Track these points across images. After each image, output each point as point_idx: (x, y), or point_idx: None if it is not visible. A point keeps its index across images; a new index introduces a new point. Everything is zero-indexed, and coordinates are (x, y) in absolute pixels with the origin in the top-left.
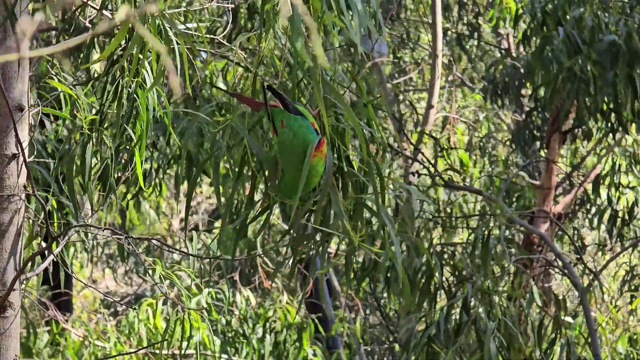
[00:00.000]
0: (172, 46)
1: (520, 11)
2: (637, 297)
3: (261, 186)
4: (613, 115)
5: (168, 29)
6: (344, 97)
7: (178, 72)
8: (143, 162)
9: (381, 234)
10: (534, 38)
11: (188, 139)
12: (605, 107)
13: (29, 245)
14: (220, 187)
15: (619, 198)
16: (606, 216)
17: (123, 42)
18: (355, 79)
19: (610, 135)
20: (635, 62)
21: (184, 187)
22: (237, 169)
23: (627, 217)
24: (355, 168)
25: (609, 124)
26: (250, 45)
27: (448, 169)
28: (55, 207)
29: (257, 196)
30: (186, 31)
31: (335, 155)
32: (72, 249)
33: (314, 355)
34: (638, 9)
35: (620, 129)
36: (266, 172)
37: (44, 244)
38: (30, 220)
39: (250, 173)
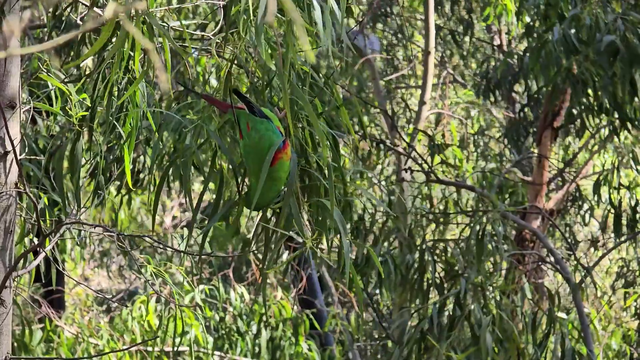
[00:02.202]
0: (161, 44)
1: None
2: (632, 295)
3: (232, 187)
4: (615, 114)
5: (157, 26)
6: (310, 101)
7: (168, 69)
8: (137, 159)
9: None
10: (534, 33)
11: (183, 136)
12: (608, 107)
13: (21, 242)
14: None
15: (620, 201)
16: (598, 212)
17: (112, 38)
18: (329, 82)
19: (606, 132)
20: (635, 62)
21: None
22: (207, 169)
23: (630, 218)
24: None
25: (611, 124)
26: (232, 42)
27: (441, 163)
28: (47, 203)
29: (226, 195)
30: (177, 28)
31: (304, 159)
32: (68, 245)
33: (309, 350)
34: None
35: (622, 128)
36: (237, 176)
37: (36, 241)
38: (22, 217)
39: (220, 168)
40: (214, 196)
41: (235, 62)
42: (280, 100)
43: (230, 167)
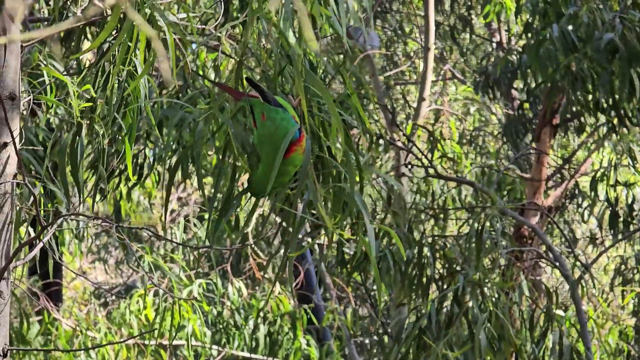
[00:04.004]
0: (163, 36)
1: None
2: (629, 294)
3: (245, 176)
4: (613, 112)
5: (159, 19)
6: (324, 87)
7: (173, 59)
8: (139, 154)
9: (358, 222)
10: (533, 31)
11: (183, 129)
12: (605, 105)
13: (17, 232)
14: (208, 179)
15: (617, 198)
16: (596, 210)
17: (114, 31)
18: (339, 69)
19: (605, 130)
20: (633, 61)
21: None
22: (220, 157)
23: (627, 215)
24: (338, 158)
25: (609, 122)
26: (237, 34)
27: (442, 157)
28: (43, 193)
29: (241, 182)
30: (177, 21)
31: (317, 146)
32: (66, 238)
33: (308, 345)
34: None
35: (620, 126)
36: (248, 163)
37: (31, 230)
38: (19, 208)
39: (232, 160)
40: (214, 187)
41: (247, 51)
42: (292, 88)
43: (242, 155)
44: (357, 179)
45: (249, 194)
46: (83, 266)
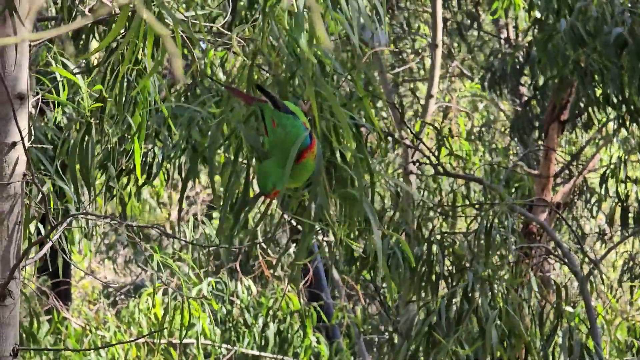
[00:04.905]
0: (171, 35)
1: None
2: (638, 289)
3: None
4: (624, 107)
5: (167, 17)
6: (333, 93)
7: (179, 55)
8: (147, 153)
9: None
10: (542, 25)
11: (192, 128)
12: (615, 100)
13: (26, 229)
14: (218, 176)
15: (627, 194)
16: (605, 206)
17: (122, 30)
18: (350, 73)
19: (614, 125)
20: None
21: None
22: (232, 158)
23: (637, 211)
24: (350, 162)
25: (620, 116)
26: (248, 35)
27: (450, 154)
28: (52, 191)
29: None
30: (185, 19)
31: (329, 151)
32: (76, 237)
33: (317, 343)
34: None
35: (630, 121)
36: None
37: (41, 227)
38: (28, 205)
39: (245, 162)
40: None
41: (258, 54)
42: (303, 92)
43: (255, 159)
44: (369, 182)
45: (262, 197)
46: (92, 265)
